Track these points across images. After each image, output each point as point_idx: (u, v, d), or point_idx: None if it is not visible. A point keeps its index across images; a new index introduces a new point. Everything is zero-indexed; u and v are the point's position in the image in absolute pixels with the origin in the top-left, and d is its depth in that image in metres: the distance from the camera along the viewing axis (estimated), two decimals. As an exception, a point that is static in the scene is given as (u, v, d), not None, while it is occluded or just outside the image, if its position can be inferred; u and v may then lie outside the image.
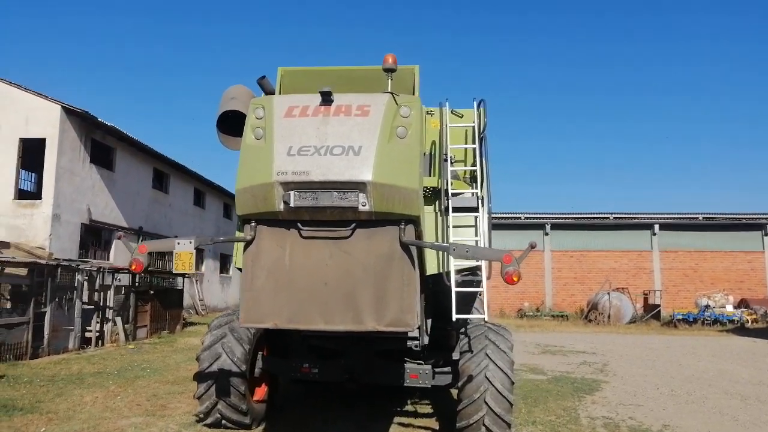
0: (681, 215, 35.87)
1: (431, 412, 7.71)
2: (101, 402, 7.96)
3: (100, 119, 18.62)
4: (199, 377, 6.13)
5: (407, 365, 6.25)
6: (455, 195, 5.84)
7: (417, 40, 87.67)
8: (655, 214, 35.67)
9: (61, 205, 17.51)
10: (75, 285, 13.43)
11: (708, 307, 27.00)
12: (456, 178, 6.29)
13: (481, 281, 5.62)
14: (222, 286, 32.06)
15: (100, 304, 14.72)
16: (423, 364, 6.32)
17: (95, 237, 20.00)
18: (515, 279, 4.39)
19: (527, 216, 35.84)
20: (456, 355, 6.03)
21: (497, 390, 5.49)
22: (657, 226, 32.83)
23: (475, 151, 6.27)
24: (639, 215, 35.75)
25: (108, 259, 19.99)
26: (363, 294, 4.56)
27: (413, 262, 4.65)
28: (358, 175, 4.49)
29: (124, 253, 4.76)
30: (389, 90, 4.97)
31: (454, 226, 5.74)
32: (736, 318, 26.27)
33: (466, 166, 6.56)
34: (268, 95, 5.79)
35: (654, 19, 77.25)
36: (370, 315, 4.53)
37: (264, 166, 4.63)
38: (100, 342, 14.43)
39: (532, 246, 4.45)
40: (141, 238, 21.17)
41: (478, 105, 6.42)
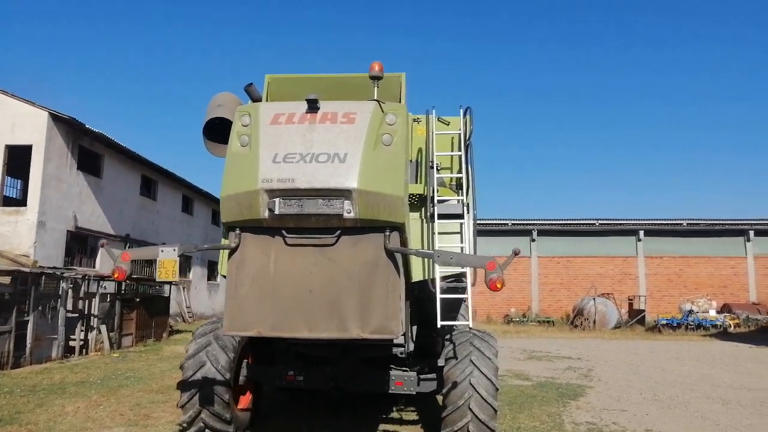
0: (665, 221, 36.25)
1: (416, 419, 7.71)
2: (83, 412, 7.86)
3: (87, 126, 18.50)
4: (183, 386, 6.06)
5: (392, 372, 6.24)
6: (441, 202, 5.88)
7: (404, 47, 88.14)
8: (640, 220, 36.09)
9: (46, 212, 17.33)
10: (59, 293, 13.29)
11: (692, 312, 27.32)
12: (442, 185, 6.35)
13: (467, 288, 5.67)
14: (210, 294, 31.81)
15: (84, 312, 14.55)
16: (408, 371, 6.33)
17: (81, 244, 19.79)
18: (499, 285, 4.41)
19: (514, 222, 36.07)
20: (441, 361, 6.03)
21: (481, 397, 5.50)
22: (642, 232, 33.20)
23: (461, 158, 6.33)
24: (624, 221, 36.09)
25: (94, 267, 19.79)
26: (348, 301, 4.55)
27: (398, 269, 4.65)
28: (343, 183, 4.48)
29: (110, 260, 4.68)
30: (375, 98, 4.98)
31: (440, 233, 5.79)
32: (719, 323, 26.59)
33: (452, 173, 6.61)
34: (255, 102, 5.79)
35: (640, 26, 78.36)
36: (354, 322, 4.52)
37: (249, 173, 4.61)
38: (84, 351, 14.26)
39: (515, 252, 4.47)
40: (127, 245, 20.98)
41: (465, 112, 6.49)
